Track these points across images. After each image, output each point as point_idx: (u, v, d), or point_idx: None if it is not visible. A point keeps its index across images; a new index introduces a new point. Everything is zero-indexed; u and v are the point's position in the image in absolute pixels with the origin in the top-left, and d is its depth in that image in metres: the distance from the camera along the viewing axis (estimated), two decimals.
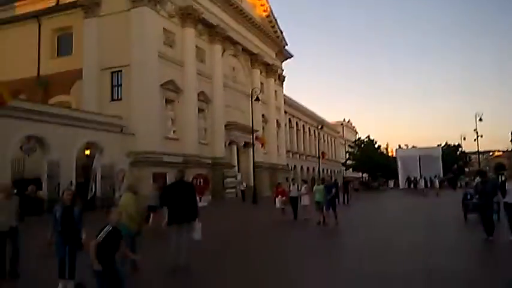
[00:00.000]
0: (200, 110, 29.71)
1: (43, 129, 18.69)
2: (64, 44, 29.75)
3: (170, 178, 23.82)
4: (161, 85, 25.86)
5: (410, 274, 6.08)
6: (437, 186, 33.43)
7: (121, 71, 25.58)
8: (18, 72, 29.40)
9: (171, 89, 26.92)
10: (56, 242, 5.78)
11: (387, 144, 76.27)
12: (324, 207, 13.19)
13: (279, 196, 15.00)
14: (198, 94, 29.18)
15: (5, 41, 31.48)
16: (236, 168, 33.14)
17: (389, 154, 68.94)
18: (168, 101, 26.87)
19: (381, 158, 60.01)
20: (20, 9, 32.27)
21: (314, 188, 14.02)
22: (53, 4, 30.49)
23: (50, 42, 29.93)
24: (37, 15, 30.12)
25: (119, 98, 25.76)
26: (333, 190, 13.55)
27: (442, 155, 51.75)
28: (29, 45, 29.76)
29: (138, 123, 24.09)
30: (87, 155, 21.77)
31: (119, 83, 25.79)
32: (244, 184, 30.16)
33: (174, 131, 27.08)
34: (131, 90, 24.82)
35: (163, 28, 26.70)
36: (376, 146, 61.45)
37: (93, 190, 19.31)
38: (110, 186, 20.72)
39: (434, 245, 8.69)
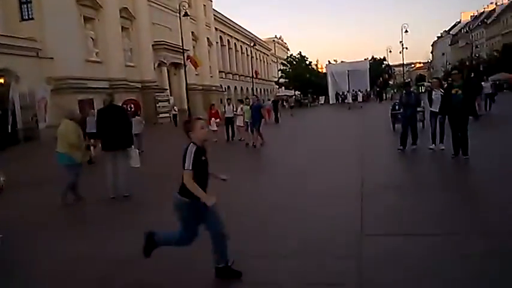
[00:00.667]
0: (124, 29, 27.59)
1: None
2: None
3: (98, 104, 22.54)
4: (77, 0, 23.31)
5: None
6: (360, 100, 35.12)
7: None
8: None
9: (88, 5, 24.42)
10: None
11: (317, 61, 77.41)
12: (249, 128, 13.06)
13: (213, 118, 14.78)
14: (120, 10, 26.84)
15: None
16: (168, 91, 32.04)
17: (320, 70, 70.25)
18: (86, 19, 24.50)
19: (312, 74, 60.92)
20: None
21: (240, 109, 13.86)
22: None
23: None
24: None
25: (30, 17, 23.04)
26: (260, 110, 13.15)
27: (370, 69, 53.54)
28: None
29: (56, 45, 21.89)
30: (1, 83, 19.67)
31: (28, 0, 22.89)
32: (176, 108, 29.28)
33: (96, 53, 25.10)
34: (43, 7, 22.16)
35: None
36: (307, 62, 62.01)
37: (11, 122, 17.77)
38: (32, 116, 19.17)
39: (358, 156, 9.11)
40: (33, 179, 9.19)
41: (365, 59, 58.95)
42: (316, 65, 72.86)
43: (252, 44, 51.82)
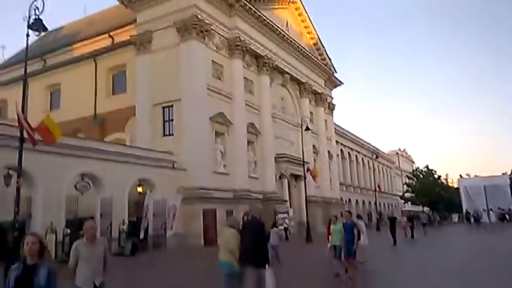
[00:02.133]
0: (249, 143, 29.12)
1: (97, 166, 18.68)
2: (119, 82, 30.66)
3: (219, 214, 23.12)
4: (211, 118, 25.60)
5: None
6: (494, 220, 30.38)
7: (172, 105, 25.58)
8: (77, 111, 30.58)
9: (220, 122, 26.60)
10: None
11: (447, 175, 71.99)
12: (342, 254, 10.17)
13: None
14: (247, 126, 28.70)
15: (65, 82, 33.11)
16: (288, 203, 31.92)
17: (450, 185, 64.78)
18: (217, 134, 26.52)
19: (441, 189, 56.34)
20: (79, 51, 33.95)
21: (331, 228, 11.32)
22: (109, 44, 31.74)
23: (105, 81, 30.88)
24: (93, 56, 31.36)
25: (171, 133, 25.67)
26: (355, 231, 10.08)
27: (510, 185, 47.57)
28: (87, 85, 30.87)
29: (189, 158, 23.75)
30: (139, 192, 21.54)
31: (171, 118, 25.80)
32: (288, 221, 28.43)
33: (224, 166, 26.53)
34: (182, 124, 24.70)
35: (212, 60, 26.72)
36: (435, 176, 57.94)
37: (145, 229, 18.88)
38: (161, 224, 20.22)
39: None
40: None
41: (503, 174, 53.08)
42: (446, 179, 67.59)
43: (373, 157, 50.61)
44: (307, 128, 29.78)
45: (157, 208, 20.23)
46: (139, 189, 21.24)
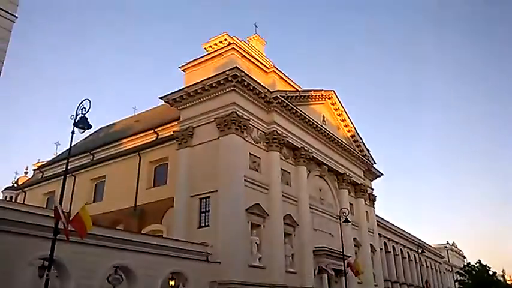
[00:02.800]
0: (286, 235, 28.38)
1: (130, 258, 18.66)
2: (160, 175, 31.80)
3: None
4: (247, 209, 25.50)
5: None
6: None
7: (209, 197, 25.93)
8: (119, 203, 31.74)
9: (256, 213, 26.39)
10: None
11: (503, 271, 65.91)
12: None
13: None
14: (284, 217, 28.21)
15: (110, 175, 34.80)
16: None
17: (509, 282, 58.92)
18: (253, 226, 26.16)
19: (497, 286, 51.32)
20: (125, 146, 36.04)
21: None
22: (153, 139, 33.59)
23: (147, 173, 32.15)
24: (138, 150, 33.13)
25: (207, 224, 25.62)
26: None
27: None
28: (130, 177, 32.21)
29: (224, 249, 23.35)
30: (171, 285, 21.06)
31: (207, 209, 25.96)
32: None
33: (259, 259, 25.73)
34: (218, 216, 24.73)
35: (249, 153, 27.41)
36: (490, 272, 53.18)
37: None
38: None
39: None
40: None
41: None
42: (503, 276, 61.76)
43: (419, 251, 47.60)
44: (346, 220, 28.90)
45: None
46: (172, 283, 20.78)
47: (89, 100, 11.01)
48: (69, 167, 39.64)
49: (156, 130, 33.99)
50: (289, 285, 26.13)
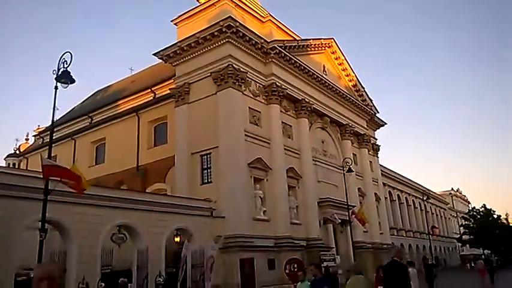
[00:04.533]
0: (290, 187, 28.29)
1: (133, 217, 18.59)
2: (160, 134, 31.44)
3: (259, 263, 22.11)
4: (249, 164, 25.23)
5: None
6: None
7: (210, 153, 25.62)
8: (121, 164, 31.54)
9: (259, 168, 26.16)
10: None
11: (507, 214, 66.64)
12: None
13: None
14: (287, 170, 27.99)
15: (109, 137, 34.45)
16: (334, 250, 30.27)
17: None
18: (256, 180, 25.99)
19: (502, 229, 51.97)
20: (123, 107, 35.46)
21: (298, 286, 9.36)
22: (151, 99, 32.93)
23: (147, 133, 31.76)
24: (136, 110, 32.57)
25: (209, 181, 25.50)
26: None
27: None
28: (130, 138, 31.87)
29: (228, 205, 23.32)
30: (177, 242, 21.17)
31: (209, 166, 25.75)
32: (340, 270, 26.60)
33: (264, 212, 25.76)
34: (219, 172, 24.52)
35: (249, 107, 26.77)
36: (495, 216, 53.71)
37: (181, 280, 18.24)
38: (200, 275, 19.54)
39: None
40: None
41: None
42: (507, 219, 62.49)
43: (424, 198, 47.84)
44: (350, 170, 28.68)
45: (196, 259, 19.63)
46: (177, 239, 20.85)
47: (70, 53, 10.34)
48: (68, 131, 39.46)
49: (152, 89, 33.26)
50: (295, 236, 26.29)
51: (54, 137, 38.56)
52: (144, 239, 18.67)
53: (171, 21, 29.07)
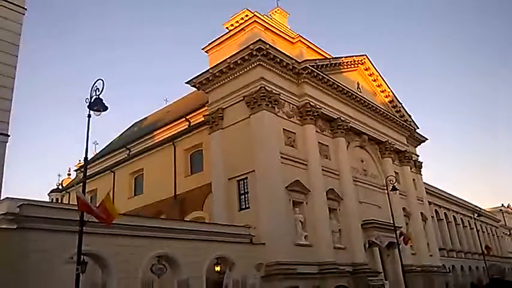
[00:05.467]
0: (331, 210, 27.20)
1: (172, 247, 18.16)
2: (196, 162, 31.40)
3: None
4: (286, 187, 24.50)
5: None
6: None
7: (247, 178, 25.12)
8: (159, 194, 31.68)
9: (297, 190, 25.35)
10: None
11: None
12: None
13: None
14: (327, 192, 27.01)
15: (147, 167, 34.79)
16: (382, 275, 28.60)
17: None
18: (295, 204, 25.14)
19: None
20: (159, 137, 35.83)
21: None
22: (186, 127, 33.12)
23: (183, 161, 31.79)
24: (172, 140, 32.80)
25: (247, 206, 24.88)
26: None
27: None
28: (167, 167, 32.03)
29: (267, 230, 22.54)
30: (217, 271, 20.50)
31: (246, 191, 25.21)
32: None
33: (305, 236, 24.75)
34: (257, 196, 23.92)
35: (283, 129, 26.26)
36: None
37: None
38: None
39: None
40: None
41: None
42: None
43: (475, 215, 45.11)
44: (394, 188, 27.39)
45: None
46: (217, 268, 20.19)
47: (102, 80, 10.30)
48: (107, 164, 40.10)
49: (187, 117, 33.44)
50: (339, 261, 25.03)
51: (94, 171, 39.54)
52: (184, 269, 18.15)
53: (202, 49, 29.38)
